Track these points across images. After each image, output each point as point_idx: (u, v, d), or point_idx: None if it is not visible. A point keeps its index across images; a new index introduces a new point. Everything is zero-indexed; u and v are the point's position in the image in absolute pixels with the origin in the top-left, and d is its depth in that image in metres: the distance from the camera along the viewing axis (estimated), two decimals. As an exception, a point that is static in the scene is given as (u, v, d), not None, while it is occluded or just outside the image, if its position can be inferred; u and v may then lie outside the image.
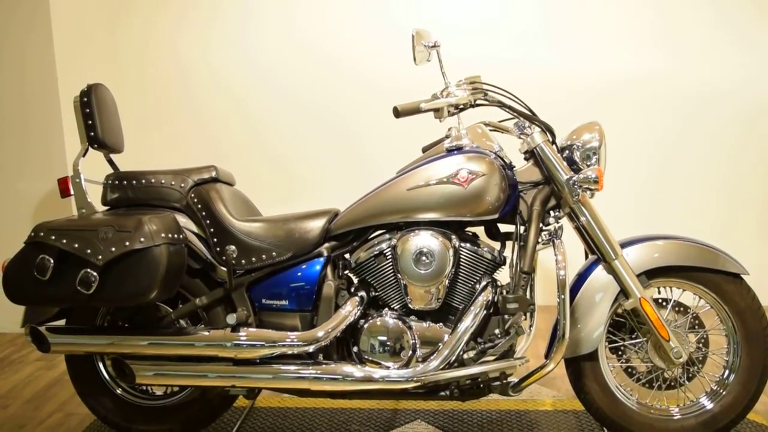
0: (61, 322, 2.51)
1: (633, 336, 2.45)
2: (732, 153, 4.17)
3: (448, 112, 2.28)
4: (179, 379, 2.40)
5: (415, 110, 2.22)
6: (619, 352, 2.48)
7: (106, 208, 2.52)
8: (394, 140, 3.79)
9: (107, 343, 2.38)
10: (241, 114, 4.39)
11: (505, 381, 2.31)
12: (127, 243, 2.17)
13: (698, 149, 4.17)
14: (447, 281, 2.32)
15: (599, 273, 2.37)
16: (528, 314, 2.30)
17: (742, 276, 2.36)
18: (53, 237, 2.21)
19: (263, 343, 2.32)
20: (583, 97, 4.13)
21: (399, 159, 2.55)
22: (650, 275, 2.37)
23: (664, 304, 2.43)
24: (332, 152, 4.35)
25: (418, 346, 2.33)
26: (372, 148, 4.26)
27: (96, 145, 2.47)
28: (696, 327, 2.44)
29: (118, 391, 2.60)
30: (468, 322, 2.27)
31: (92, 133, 2.44)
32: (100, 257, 2.17)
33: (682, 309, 2.44)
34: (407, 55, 2.33)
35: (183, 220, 2.42)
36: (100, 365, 2.59)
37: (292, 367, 2.33)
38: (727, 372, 2.43)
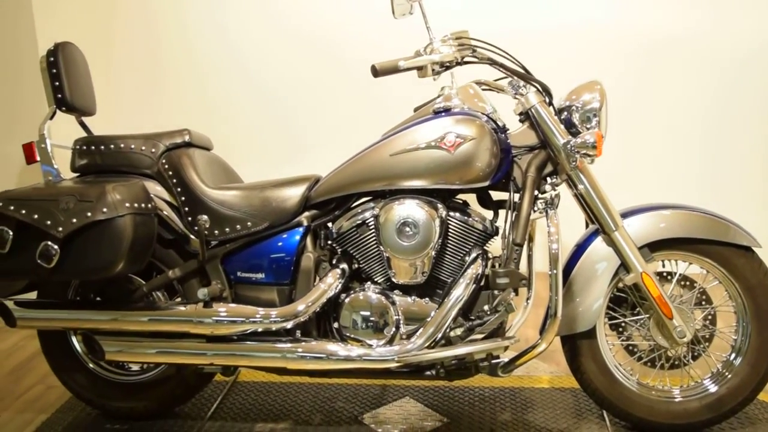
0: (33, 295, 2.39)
1: (635, 312, 2.29)
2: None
3: (433, 70, 2.09)
4: (149, 356, 2.27)
5: (394, 69, 2.03)
6: (620, 329, 2.32)
7: (76, 174, 2.38)
8: (383, 100, 3.55)
9: (73, 318, 2.27)
10: (221, 76, 4.09)
11: (493, 361, 2.15)
12: (89, 214, 2.03)
13: (716, 115, 3.85)
14: (433, 253, 2.15)
15: (598, 245, 2.20)
16: (522, 289, 2.14)
17: (754, 249, 2.18)
18: (12, 207, 2.07)
19: (239, 318, 2.18)
20: (614, 56, 3.81)
21: (388, 120, 2.35)
22: (654, 247, 2.19)
23: (669, 277, 2.25)
24: (316, 114, 4.07)
25: (402, 322, 2.18)
26: (359, 108, 3.96)
27: (64, 108, 2.32)
28: (703, 303, 2.26)
29: (91, 365, 2.48)
30: (455, 298, 2.11)
31: (59, 95, 2.29)
32: (60, 229, 2.03)
33: (688, 283, 2.26)
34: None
35: (157, 188, 2.28)
36: (73, 339, 2.47)
37: (269, 344, 2.19)
38: (734, 353, 2.26)
